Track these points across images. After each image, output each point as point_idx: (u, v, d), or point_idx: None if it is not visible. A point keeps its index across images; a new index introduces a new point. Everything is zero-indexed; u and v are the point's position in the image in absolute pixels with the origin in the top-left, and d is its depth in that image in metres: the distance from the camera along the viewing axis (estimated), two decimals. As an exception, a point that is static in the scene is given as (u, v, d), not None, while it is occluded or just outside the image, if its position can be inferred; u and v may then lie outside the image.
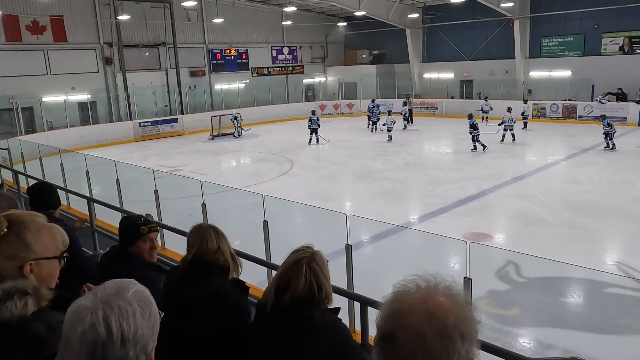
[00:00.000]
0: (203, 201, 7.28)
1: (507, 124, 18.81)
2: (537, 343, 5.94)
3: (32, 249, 1.68)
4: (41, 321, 1.45)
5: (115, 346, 1.07)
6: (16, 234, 1.67)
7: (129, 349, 1.09)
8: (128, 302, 1.12)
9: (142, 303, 1.14)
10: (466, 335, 0.98)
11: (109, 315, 1.07)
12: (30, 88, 21.37)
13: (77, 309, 1.11)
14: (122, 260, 2.81)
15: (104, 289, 1.15)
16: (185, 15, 26.71)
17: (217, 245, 2.51)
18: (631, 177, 13.44)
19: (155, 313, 1.18)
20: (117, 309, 1.09)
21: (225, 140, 22.87)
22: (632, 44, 23.40)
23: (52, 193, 3.89)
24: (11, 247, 1.65)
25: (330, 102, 30.57)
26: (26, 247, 1.67)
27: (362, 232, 8.97)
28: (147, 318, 1.13)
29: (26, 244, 1.67)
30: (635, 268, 7.70)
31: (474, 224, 9.91)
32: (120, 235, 2.94)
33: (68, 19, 22.64)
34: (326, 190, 13.43)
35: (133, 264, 2.76)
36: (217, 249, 2.51)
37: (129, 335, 1.08)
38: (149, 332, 1.14)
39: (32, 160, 13.49)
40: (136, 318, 1.10)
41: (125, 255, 2.85)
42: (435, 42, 30.24)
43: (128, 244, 2.87)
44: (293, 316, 2.09)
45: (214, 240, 2.53)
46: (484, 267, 7.07)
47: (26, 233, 1.68)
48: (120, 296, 1.12)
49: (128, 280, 1.20)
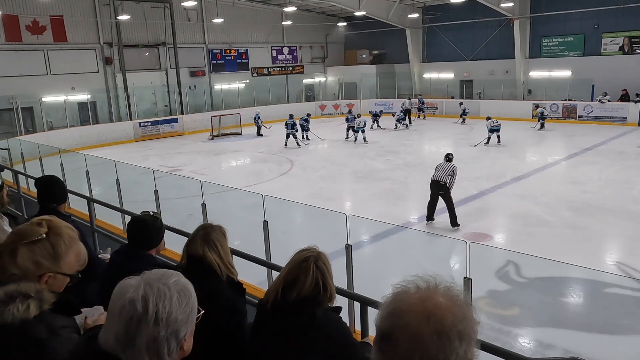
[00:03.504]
0: (203, 201, 7.28)
1: (494, 126, 18.44)
2: (537, 343, 5.94)
3: (59, 262, 1.70)
4: (43, 324, 1.45)
5: (148, 323, 1.16)
6: (52, 243, 1.67)
7: (161, 329, 1.18)
8: (168, 286, 1.22)
9: (180, 292, 1.24)
10: (464, 335, 0.98)
11: (148, 294, 1.18)
12: (30, 88, 21.37)
13: (123, 285, 1.22)
14: (135, 259, 2.77)
15: (150, 272, 1.26)
16: (185, 15, 26.71)
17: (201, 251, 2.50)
18: (631, 177, 13.43)
19: (193, 305, 1.27)
20: (156, 290, 1.19)
21: (226, 140, 22.88)
22: (632, 44, 23.39)
23: (62, 187, 3.92)
24: (43, 254, 1.66)
25: (330, 102, 30.56)
26: (55, 259, 1.68)
27: (362, 232, 8.97)
28: (184, 307, 1.22)
29: (57, 256, 1.68)
30: (636, 268, 7.69)
31: (474, 224, 9.90)
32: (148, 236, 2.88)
33: (68, 19, 22.64)
34: (326, 190, 13.43)
35: (146, 263, 2.74)
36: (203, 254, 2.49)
37: (162, 316, 1.17)
38: (183, 319, 1.22)
39: (32, 160, 13.49)
40: (172, 302, 1.20)
41: (139, 255, 2.83)
42: (435, 42, 30.24)
43: (151, 246, 2.86)
44: (296, 314, 2.11)
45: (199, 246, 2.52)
46: (484, 267, 7.07)
47: (61, 245, 1.69)
48: (163, 280, 1.23)
49: (175, 271, 1.31)
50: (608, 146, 17.82)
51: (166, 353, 1.20)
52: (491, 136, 18.61)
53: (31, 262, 1.64)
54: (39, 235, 1.64)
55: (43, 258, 1.66)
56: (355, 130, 20.40)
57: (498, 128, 18.46)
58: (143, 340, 1.16)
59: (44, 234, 1.65)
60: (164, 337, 1.18)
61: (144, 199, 8.79)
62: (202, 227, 2.64)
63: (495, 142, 18.56)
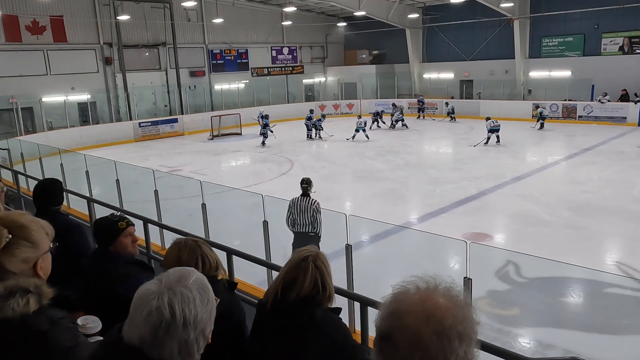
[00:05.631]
0: (203, 201, 7.28)
1: (494, 126, 18.37)
2: (537, 343, 5.94)
3: (40, 246, 1.73)
4: (44, 317, 1.48)
5: (178, 327, 1.18)
6: (25, 238, 1.69)
7: (190, 332, 1.20)
8: (189, 289, 1.23)
9: (201, 290, 1.25)
10: (464, 335, 0.98)
11: (172, 300, 1.19)
12: (30, 88, 21.36)
13: (144, 292, 1.22)
14: (104, 261, 2.78)
15: (167, 276, 1.27)
16: (185, 16, 26.71)
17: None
18: (631, 177, 13.44)
19: (212, 300, 1.29)
20: (179, 295, 1.21)
21: (226, 140, 22.89)
22: (631, 44, 23.39)
23: (61, 188, 3.99)
24: (23, 250, 1.68)
25: (330, 102, 30.56)
26: (35, 246, 1.71)
27: (362, 232, 8.97)
28: (206, 304, 1.25)
29: (35, 244, 1.71)
30: (636, 268, 7.69)
31: (474, 224, 9.91)
32: (100, 236, 2.89)
33: (68, 19, 22.64)
34: (326, 190, 13.38)
35: (115, 262, 2.75)
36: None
37: (190, 319, 1.20)
38: (207, 317, 1.25)
39: (32, 161, 13.48)
40: (196, 304, 1.22)
41: (107, 255, 2.81)
42: (435, 42, 30.24)
43: (109, 243, 2.84)
44: (295, 314, 2.11)
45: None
46: (484, 267, 7.07)
47: (32, 233, 1.71)
48: (182, 283, 1.24)
49: (189, 268, 1.33)
50: (608, 146, 17.83)
51: (196, 352, 1.24)
52: (491, 136, 18.57)
53: (20, 262, 1.66)
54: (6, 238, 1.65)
55: (27, 253, 1.68)
56: (356, 129, 20.73)
57: (498, 128, 18.41)
58: (174, 344, 1.19)
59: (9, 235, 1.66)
60: (193, 338, 1.21)
61: (144, 199, 8.79)
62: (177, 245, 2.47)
63: (495, 143, 18.51)
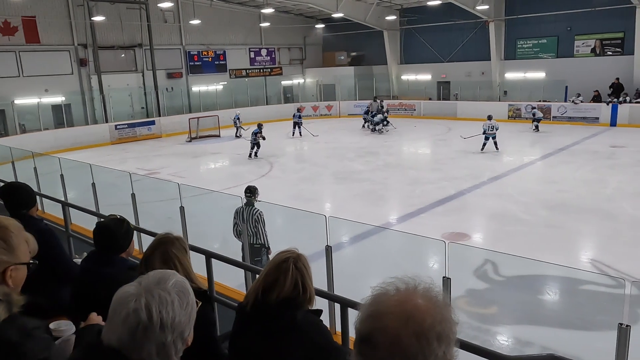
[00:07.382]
0: (181, 204, 7.20)
1: (489, 132, 17.36)
2: (515, 340, 6.02)
3: (16, 253, 1.68)
4: (14, 327, 1.43)
5: (155, 330, 1.19)
6: (2, 238, 1.63)
7: (167, 334, 1.21)
8: (168, 291, 1.23)
9: (180, 293, 1.25)
10: (443, 336, 0.98)
11: (150, 303, 1.19)
12: (1, 90, 20.85)
13: (123, 294, 1.22)
14: (107, 264, 2.70)
15: (147, 278, 1.27)
16: (161, 17, 26.40)
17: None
18: (604, 176, 13.73)
19: (193, 303, 1.29)
20: (157, 297, 1.21)
21: (205, 142, 22.70)
22: (603, 46, 23.95)
23: (28, 191, 3.81)
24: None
25: (309, 104, 30.55)
26: (11, 251, 1.66)
27: (342, 233, 8.98)
28: (185, 307, 1.25)
29: (11, 248, 1.66)
30: (610, 265, 7.86)
31: (453, 224, 10.01)
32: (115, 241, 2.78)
33: (41, 20, 22.17)
34: (306, 191, 13.42)
35: (119, 267, 2.69)
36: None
37: (167, 322, 1.20)
38: (186, 320, 1.25)
39: (4, 165, 13.16)
40: (174, 307, 1.22)
41: (111, 259, 2.74)
42: (412, 44, 30.49)
43: (121, 250, 2.78)
44: (276, 316, 2.11)
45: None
46: (463, 266, 7.14)
47: (11, 236, 1.66)
48: (161, 286, 1.24)
49: (169, 271, 1.33)
50: (582, 146, 18.20)
51: (174, 354, 1.24)
52: (487, 142, 17.44)
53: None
54: None
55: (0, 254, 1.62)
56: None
57: (494, 135, 17.29)
58: (152, 346, 1.19)
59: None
60: (171, 341, 1.21)
61: (121, 202, 8.65)
62: (160, 241, 2.52)
63: (493, 149, 17.31)
